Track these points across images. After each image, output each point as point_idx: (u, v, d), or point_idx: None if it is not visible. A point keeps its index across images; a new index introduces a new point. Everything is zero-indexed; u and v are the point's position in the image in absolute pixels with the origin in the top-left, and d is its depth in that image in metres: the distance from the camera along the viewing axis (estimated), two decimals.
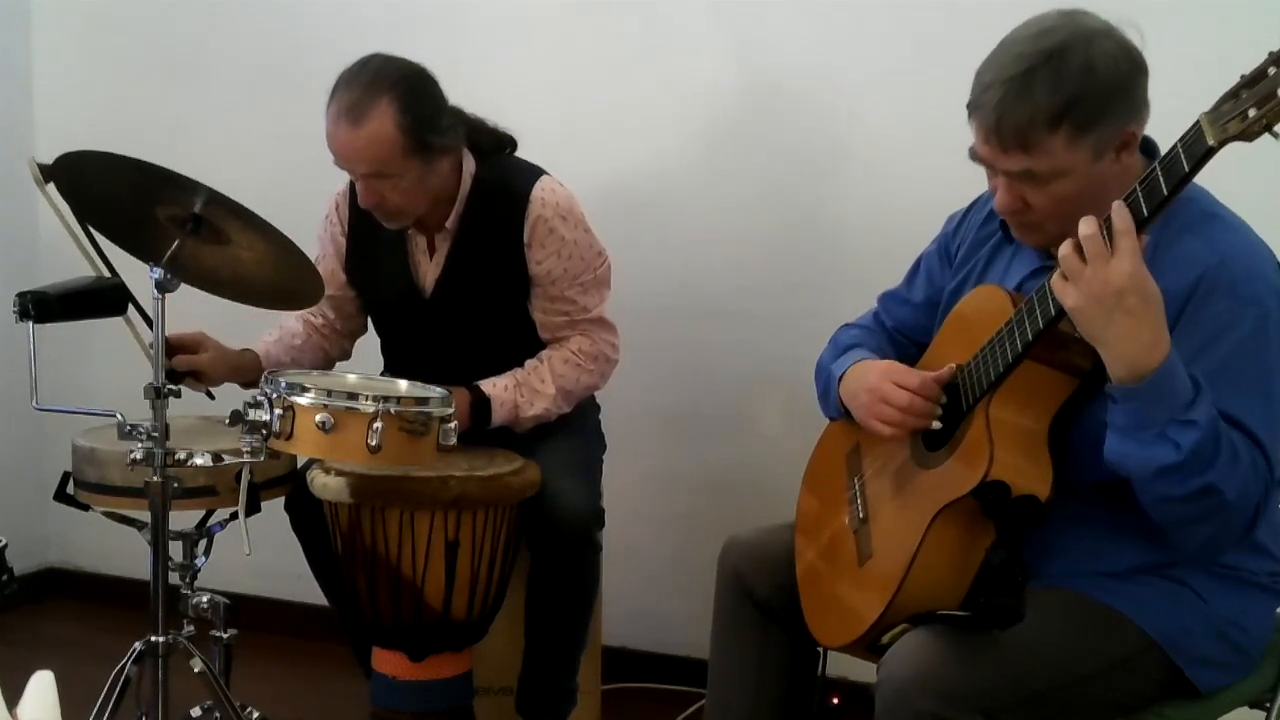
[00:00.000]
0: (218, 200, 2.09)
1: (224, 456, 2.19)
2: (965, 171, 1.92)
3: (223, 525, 2.44)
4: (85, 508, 2.47)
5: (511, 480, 2.47)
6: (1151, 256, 1.64)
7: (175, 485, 2.19)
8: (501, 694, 2.66)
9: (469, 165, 2.62)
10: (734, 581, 2.15)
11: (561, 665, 2.66)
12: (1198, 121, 1.56)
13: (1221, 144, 1.54)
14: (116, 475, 2.36)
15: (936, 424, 1.89)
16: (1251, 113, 1.51)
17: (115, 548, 3.45)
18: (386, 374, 2.80)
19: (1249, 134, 1.52)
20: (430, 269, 2.67)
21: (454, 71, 2.58)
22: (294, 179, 3.35)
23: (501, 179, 2.63)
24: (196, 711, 2.40)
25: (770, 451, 3.03)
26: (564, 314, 2.65)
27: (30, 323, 2.27)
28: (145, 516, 2.21)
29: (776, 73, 3.05)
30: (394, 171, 2.47)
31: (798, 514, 2.18)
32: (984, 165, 1.84)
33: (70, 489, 2.45)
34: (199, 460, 2.17)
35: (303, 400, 2.07)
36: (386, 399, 2.08)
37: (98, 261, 2.41)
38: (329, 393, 2.08)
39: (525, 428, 2.63)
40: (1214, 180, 1.69)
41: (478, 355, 2.65)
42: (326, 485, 2.44)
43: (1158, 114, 1.67)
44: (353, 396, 2.08)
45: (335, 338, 2.87)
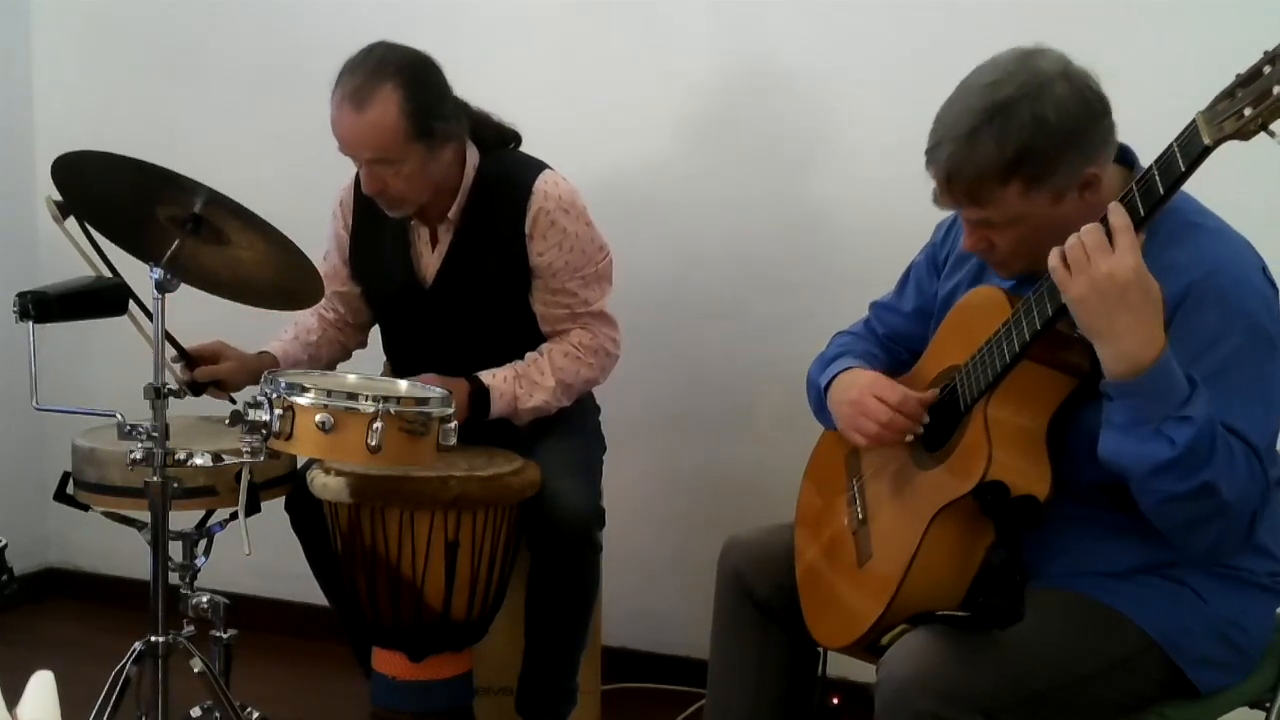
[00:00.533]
0: (217, 200, 2.09)
1: (224, 456, 2.19)
2: None
3: (222, 525, 2.44)
4: (85, 508, 2.47)
5: (511, 480, 2.47)
6: None
7: (175, 485, 2.19)
8: (501, 694, 2.66)
9: (472, 157, 2.63)
10: (734, 581, 2.16)
11: (561, 665, 2.66)
12: (1194, 121, 1.56)
13: (1217, 143, 1.54)
14: (116, 475, 2.36)
15: (909, 436, 1.92)
16: (1247, 111, 1.51)
17: (115, 548, 3.45)
18: (389, 366, 2.81)
19: (1245, 133, 1.52)
20: (432, 260, 2.67)
21: (453, 71, 2.57)
22: (294, 179, 3.36)
23: (504, 171, 2.64)
24: (196, 711, 2.40)
25: (770, 451, 3.03)
26: (565, 307, 2.64)
27: (30, 323, 2.27)
28: (145, 516, 2.21)
29: (776, 73, 3.05)
30: (397, 157, 2.48)
31: (797, 514, 2.18)
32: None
33: (70, 489, 2.45)
34: (199, 460, 2.17)
35: (302, 400, 2.07)
36: (386, 399, 2.07)
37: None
38: (329, 393, 2.08)
39: (524, 420, 2.63)
40: (1208, 182, 1.69)
41: (478, 347, 2.64)
42: (326, 485, 2.44)
43: (1157, 114, 1.66)
44: (352, 396, 2.07)
45: (349, 330, 2.89)
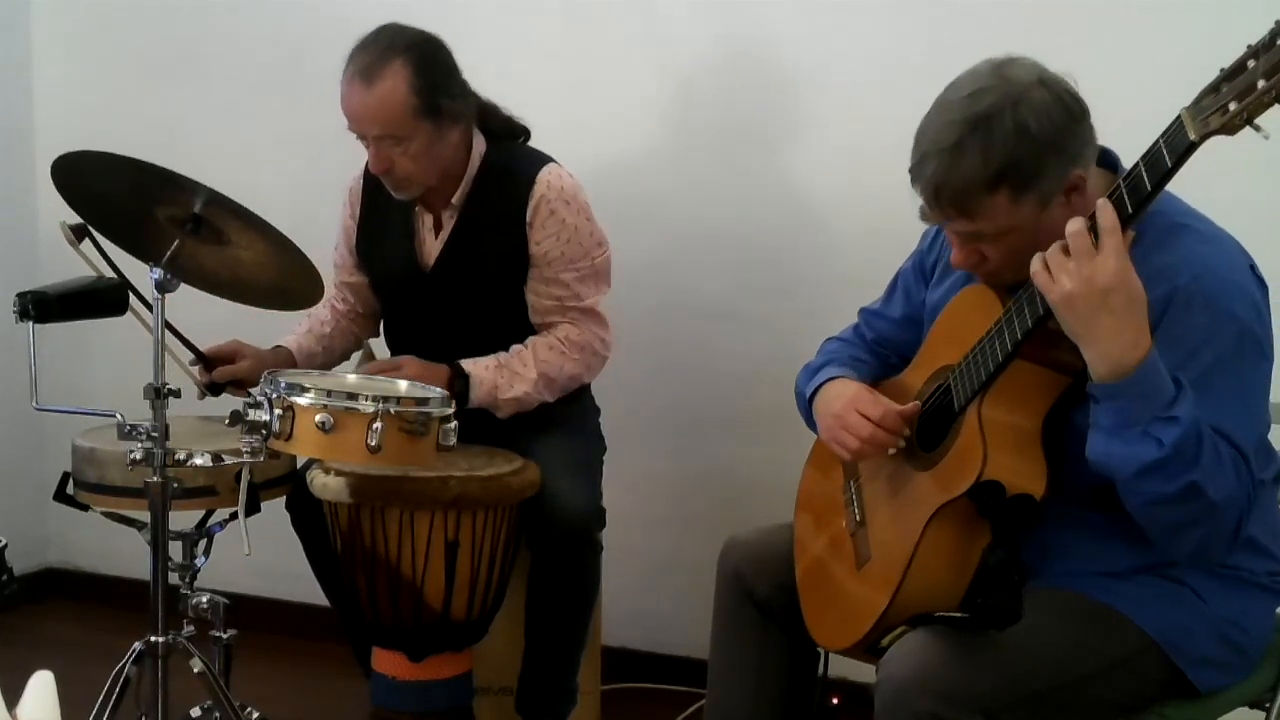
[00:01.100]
0: (217, 200, 2.09)
1: (224, 457, 2.19)
2: None
3: (222, 525, 2.44)
4: (85, 508, 2.47)
5: (511, 480, 2.47)
6: None
7: (175, 485, 2.19)
8: (501, 694, 2.65)
9: (479, 145, 2.65)
10: (734, 581, 2.16)
11: (561, 665, 2.65)
12: (1179, 117, 1.56)
13: (1203, 138, 1.54)
14: (116, 475, 2.36)
15: (891, 450, 1.93)
16: (1232, 106, 1.51)
17: (115, 548, 3.45)
18: (368, 350, 2.81)
19: (1230, 127, 1.52)
20: (434, 246, 2.68)
21: None
22: (294, 179, 3.36)
23: (510, 162, 2.65)
24: (196, 711, 2.39)
25: (770, 451, 3.02)
26: (555, 298, 2.64)
27: (30, 323, 2.27)
28: (145, 516, 2.22)
29: (776, 73, 3.05)
30: (405, 134, 2.49)
31: (796, 516, 2.18)
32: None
33: (70, 489, 2.45)
34: (199, 460, 2.17)
35: (302, 400, 2.06)
36: (386, 399, 2.07)
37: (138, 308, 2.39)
38: (329, 393, 2.07)
39: (504, 412, 2.61)
40: (1199, 178, 1.69)
41: (475, 334, 2.64)
42: (326, 485, 2.44)
43: (1155, 114, 1.66)
44: (352, 397, 2.07)
45: (361, 320, 2.89)
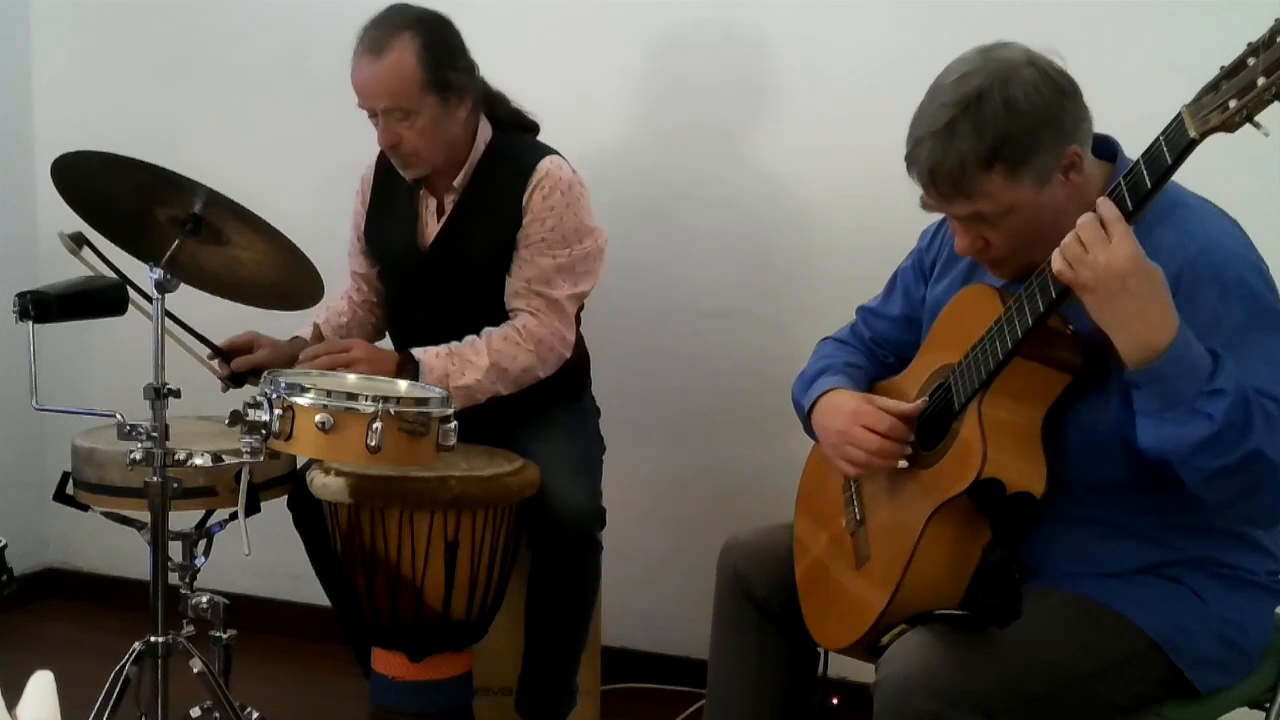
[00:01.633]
0: (217, 200, 2.09)
1: (223, 457, 2.18)
2: None
3: (222, 525, 2.44)
4: (85, 508, 2.47)
5: (511, 480, 2.47)
6: None
7: (175, 485, 2.19)
8: (501, 694, 2.66)
9: (484, 132, 2.67)
10: (734, 581, 2.16)
11: (561, 665, 2.66)
12: (1179, 114, 1.56)
13: (1203, 135, 1.54)
14: (116, 475, 2.36)
15: (903, 463, 1.91)
16: (1232, 104, 1.51)
17: (115, 548, 3.46)
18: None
19: (1230, 125, 1.52)
20: (434, 228, 2.71)
21: None
22: (294, 179, 3.36)
23: (513, 149, 2.68)
24: (196, 712, 2.39)
25: (770, 451, 3.02)
26: (525, 280, 2.63)
27: (30, 323, 2.27)
28: (145, 517, 2.21)
29: (774, 72, 3.05)
30: (412, 106, 2.52)
31: (795, 517, 2.18)
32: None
33: (70, 489, 2.45)
34: (198, 460, 2.17)
35: (302, 400, 2.06)
36: (386, 399, 2.07)
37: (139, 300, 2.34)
38: (328, 393, 2.07)
39: (457, 403, 2.54)
40: (1197, 175, 1.69)
41: (467, 318, 2.64)
42: (326, 485, 2.44)
43: (1154, 114, 1.66)
44: (352, 397, 2.07)
45: (378, 310, 2.91)
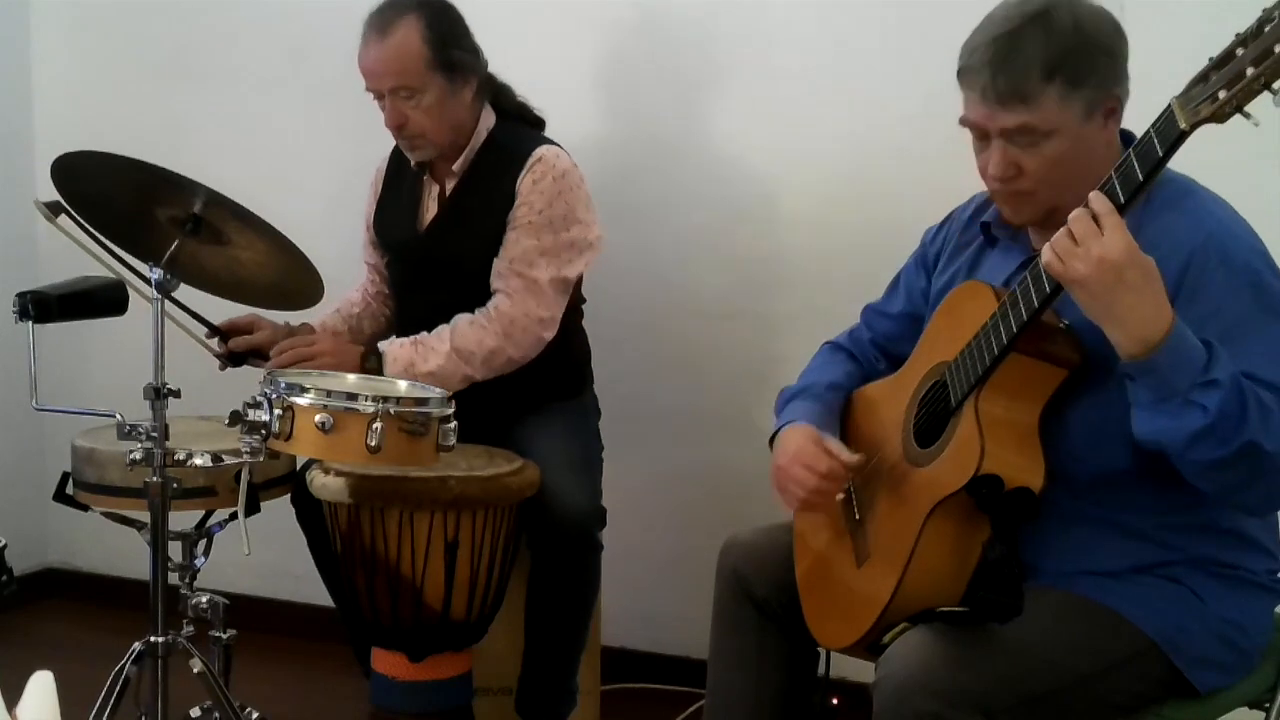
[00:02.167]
0: (217, 200, 2.09)
1: (223, 457, 2.18)
2: (962, 172, 1.93)
3: (222, 525, 2.44)
4: (84, 508, 2.47)
5: (511, 480, 2.47)
6: (1135, 235, 1.63)
7: (174, 485, 2.19)
8: (501, 694, 2.66)
9: (488, 119, 2.70)
10: (733, 581, 2.15)
11: (561, 665, 2.66)
12: (1169, 106, 1.56)
13: (1193, 127, 1.54)
14: (116, 475, 2.36)
15: (840, 495, 1.99)
16: (1221, 94, 1.51)
17: (115, 548, 3.46)
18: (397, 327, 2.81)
19: (1220, 116, 1.52)
20: (434, 211, 2.73)
21: None
22: (294, 179, 3.36)
23: (513, 138, 2.70)
24: (196, 712, 2.39)
25: (769, 451, 3.02)
26: (507, 260, 2.63)
27: (30, 323, 2.27)
28: (145, 517, 2.21)
29: (773, 71, 3.05)
30: (418, 85, 2.56)
31: (795, 516, 2.18)
32: (976, 131, 1.84)
33: (70, 489, 2.45)
34: (198, 460, 2.17)
35: (302, 401, 2.06)
36: (386, 399, 2.07)
37: (123, 273, 2.36)
38: (328, 393, 2.07)
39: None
40: (1195, 168, 1.69)
41: (464, 301, 2.65)
42: (326, 485, 2.44)
43: (1147, 106, 1.66)
44: (352, 397, 2.07)
45: (391, 301, 2.92)
